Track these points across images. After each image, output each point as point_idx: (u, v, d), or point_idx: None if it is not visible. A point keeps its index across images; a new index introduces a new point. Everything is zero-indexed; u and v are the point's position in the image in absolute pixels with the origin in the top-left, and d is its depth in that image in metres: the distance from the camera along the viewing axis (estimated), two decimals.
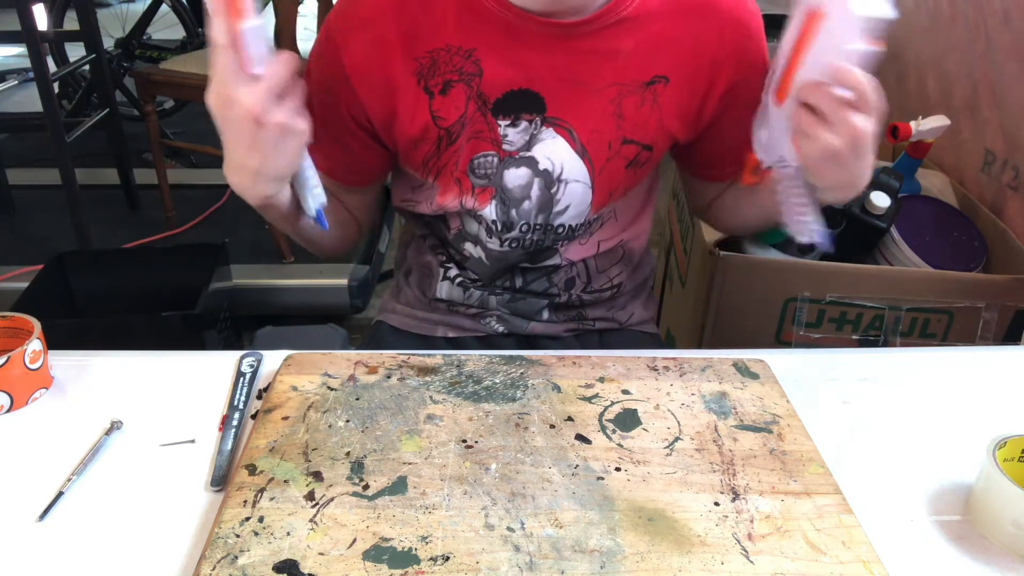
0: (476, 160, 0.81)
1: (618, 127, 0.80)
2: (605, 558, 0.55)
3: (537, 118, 0.79)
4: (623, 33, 0.77)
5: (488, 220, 0.84)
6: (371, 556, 0.55)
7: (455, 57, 0.77)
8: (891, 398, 0.77)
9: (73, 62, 2.73)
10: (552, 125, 0.80)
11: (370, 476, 0.62)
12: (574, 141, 0.80)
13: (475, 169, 0.82)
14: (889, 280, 1.30)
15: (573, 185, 0.82)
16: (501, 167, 0.81)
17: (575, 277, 0.92)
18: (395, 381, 0.73)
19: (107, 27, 2.96)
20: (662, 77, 0.79)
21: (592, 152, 0.81)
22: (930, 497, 0.64)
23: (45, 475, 0.64)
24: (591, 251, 0.90)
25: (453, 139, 0.80)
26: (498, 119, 0.79)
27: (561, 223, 0.85)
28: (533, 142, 0.80)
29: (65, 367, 0.77)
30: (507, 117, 0.79)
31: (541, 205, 0.83)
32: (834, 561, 0.55)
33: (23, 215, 2.71)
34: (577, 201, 0.83)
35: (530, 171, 0.81)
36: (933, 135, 1.45)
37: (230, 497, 0.60)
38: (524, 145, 0.80)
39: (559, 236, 0.86)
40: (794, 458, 0.65)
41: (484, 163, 0.81)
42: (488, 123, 0.79)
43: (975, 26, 1.47)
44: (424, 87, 0.78)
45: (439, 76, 0.78)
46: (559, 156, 0.81)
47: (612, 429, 0.68)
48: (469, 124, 0.80)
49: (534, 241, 0.86)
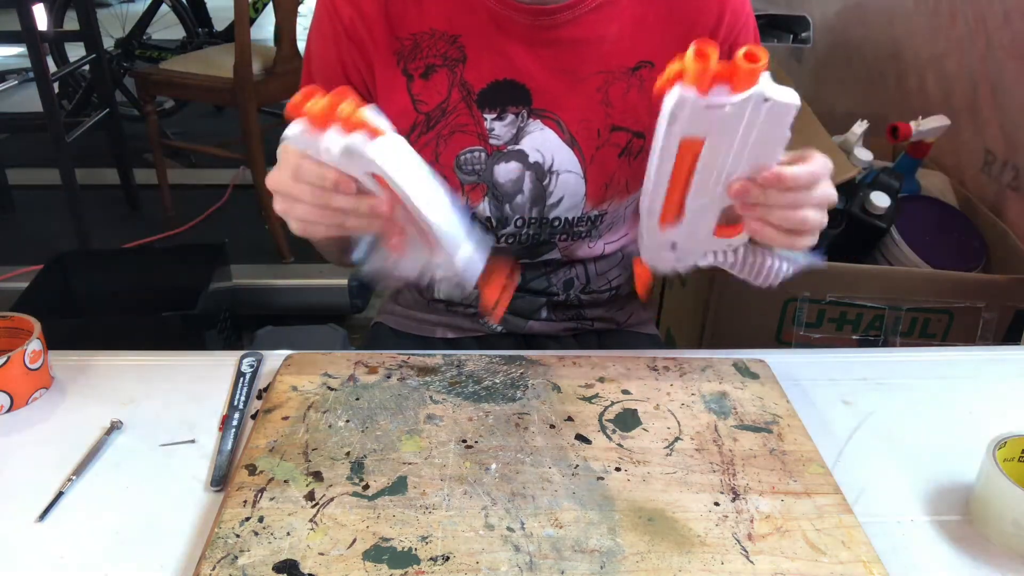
0: (463, 156, 0.81)
1: (607, 115, 0.80)
2: (605, 558, 0.55)
3: (523, 110, 0.79)
4: (606, 19, 0.77)
5: (482, 217, 0.84)
6: (371, 556, 0.55)
7: (439, 42, 0.77)
8: (891, 398, 0.76)
9: (73, 62, 2.73)
10: (539, 117, 0.80)
11: (370, 476, 0.62)
12: (563, 131, 0.80)
13: (462, 165, 0.81)
14: (889, 280, 1.30)
15: (565, 176, 0.82)
16: (490, 162, 0.81)
17: (574, 278, 0.92)
18: (395, 381, 0.73)
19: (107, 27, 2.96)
20: (647, 62, 0.79)
21: (581, 141, 0.81)
22: (930, 497, 0.64)
23: (45, 475, 0.64)
24: (598, 252, 0.90)
25: (431, 125, 0.80)
26: (484, 112, 0.79)
27: (556, 216, 0.84)
28: (521, 135, 0.80)
29: (65, 367, 0.77)
30: (493, 111, 0.79)
31: (534, 198, 0.83)
32: (834, 561, 0.55)
33: (23, 215, 2.72)
34: (570, 192, 0.83)
35: (520, 165, 0.81)
36: (933, 135, 1.45)
37: (230, 497, 0.60)
38: (512, 138, 0.80)
39: (555, 230, 0.86)
40: (794, 458, 0.65)
41: (472, 159, 0.81)
42: (474, 117, 0.79)
43: (975, 26, 1.47)
44: (403, 69, 0.78)
45: (420, 59, 0.78)
46: (549, 147, 0.81)
47: (612, 429, 0.68)
48: (452, 114, 0.79)
49: (530, 236, 0.86)
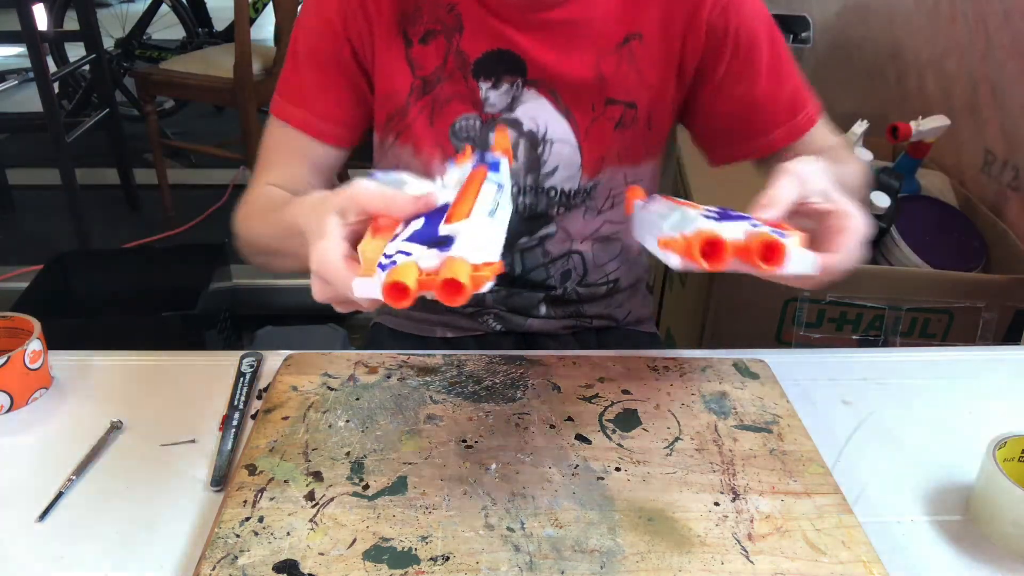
0: (458, 123, 0.82)
1: (600, 89, 0.81)
2: (605, 558, 0.55)
3: (519, 79, 0.80)
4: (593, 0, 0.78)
5: None
6: (371, 556, 0.55)
7: (438, 8, 0.78)
8: (891, 398, 0.77)
9: (73, 62, 2.73)
10: (534, 87, 0.81)
11: (370, 476, 0.62)
12: (557, 102, 0.81)
13: (457, 132, 0.82)
14: (889, 280, 1.30)
15: (559, 146, 0.83)
16: (485, 129, 0.82)
17: (571, 270, 0.92)
18: (395, 381, 0.73)
19: (107, 27, 2.96)
20: (636, 34, 0.80)
21: (576, 114, 0.82)
22: (930, 497, 0.64)
23: (45, 475, 0.64)
24: (596, 226, 0.90)
25: (427, 90, 0.81)
26: (479, 81, 0.80)
27: (552, 185, 0.85)
28: (516, 104, 0.81)
29: (65, 367, 0.77)
30: (488, 79, 0.80)
31: (529, 166, 0.84)
32: (834, 561, 0.55)
33: (23, 215, 2.72)
34: (565, 162, 0.83)
35: (515, 132, 0.82)
36: (933, 135, 1.45)
37: (230, 497, 0.60)
38: (507, 107, 0.81)
39: (552, 201, 0.86)
40: (794, 458, 0.65)
41: (466, 126, 0.82)
42: (469, 86, 0.80)
43: (975, 26, 1.47)
44: (404, 33, 0.79)
45: (421, 24, 0.79)
46: (543, 117, 0.81)
47: (612, 429, 0.68)
48: (448, 81, 0.80)
49: (527, 205, 0.86)
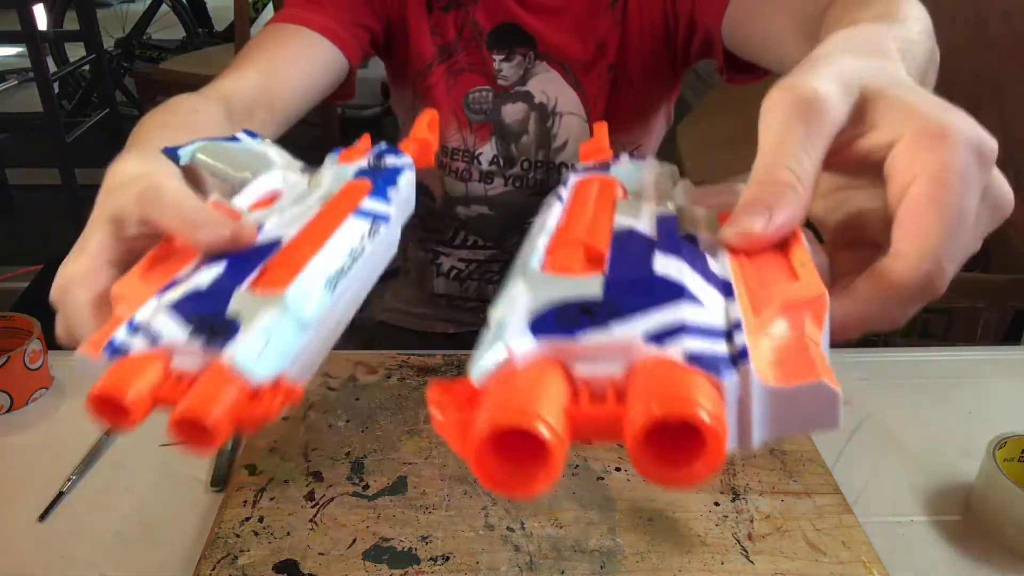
0: (471, 95, 0.83)
1: (602, 55, 0.81)
2: (605, 558, 0.55)
3: (531, 52, 0.81)
4: None
5: (487, 159, 0.85)
6: (371, 556, 0.55)
7: None
8: (891, 398, 0.76)
9: (73, 62, 2.73)
10: (545, 59, 0.82)
11: (370, 476, 0.62)
12: (567, 74, 0.82)
13: (471, 104, 0.83)
14: None
15: (568, 118, 0.83)
16: (497, 102, 0.83)
17: None
18: (395, 381, 0.73)
19: (107, 27, 2.96)
20: None
21: (585, 85, 0.82)
22: (930, 497, 0.64)
23: (45, 475, 0.64)
24: None
25: (444, 59, 0.82)
26: (493, 53, 0.81)
27: (563, 160, 0.85)
28: (528, 76, 0.82)
29: (65, 367, 0.77)
30: (501, 52, 0.81)
31: (540, 140, 0.84)
32: (834, 561, 0.55)
33: (23, 215, 2.72)
34: (574, 136, 0.84)
35: (526, 105, 0.83)
36: None
37: (230, 497, 0.60)
38: (519, 79, 0.82)
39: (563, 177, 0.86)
40: (794, 458, 0.65)
41: (479, 98, 0.83)
42: (483, 57, 0.82)
43: (975, 26, 1.47)
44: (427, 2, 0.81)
45: None
46: (553, 89, 0.82)
47: None
48: (463, 52, 0.82)
49: (537, 180, 0.86)
